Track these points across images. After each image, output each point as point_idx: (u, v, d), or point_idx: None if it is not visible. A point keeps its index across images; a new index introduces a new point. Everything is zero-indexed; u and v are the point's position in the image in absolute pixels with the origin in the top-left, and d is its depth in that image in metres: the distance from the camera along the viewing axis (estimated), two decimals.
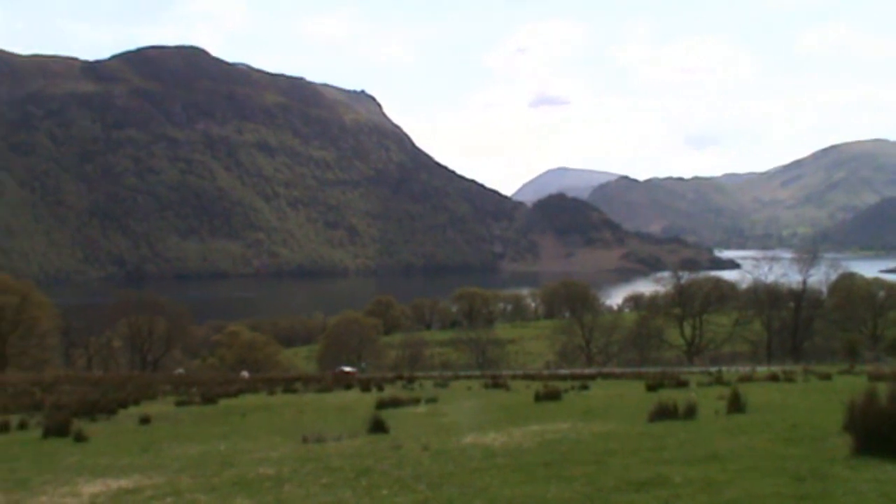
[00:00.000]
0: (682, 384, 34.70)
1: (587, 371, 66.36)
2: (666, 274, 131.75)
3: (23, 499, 12.62)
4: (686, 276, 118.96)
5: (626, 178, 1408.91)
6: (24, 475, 15.11)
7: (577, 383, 41.15)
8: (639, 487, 10.59)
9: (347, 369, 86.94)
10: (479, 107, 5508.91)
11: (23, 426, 25.30)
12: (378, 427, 19.87)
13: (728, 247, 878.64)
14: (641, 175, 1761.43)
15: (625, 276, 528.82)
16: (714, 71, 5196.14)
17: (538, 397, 28.54)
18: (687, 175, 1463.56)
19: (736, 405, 19.16)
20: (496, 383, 44.17)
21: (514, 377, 55.25)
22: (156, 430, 24.08)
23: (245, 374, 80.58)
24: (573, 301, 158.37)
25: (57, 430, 22.39)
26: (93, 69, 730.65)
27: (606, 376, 53.77)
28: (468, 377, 60.78)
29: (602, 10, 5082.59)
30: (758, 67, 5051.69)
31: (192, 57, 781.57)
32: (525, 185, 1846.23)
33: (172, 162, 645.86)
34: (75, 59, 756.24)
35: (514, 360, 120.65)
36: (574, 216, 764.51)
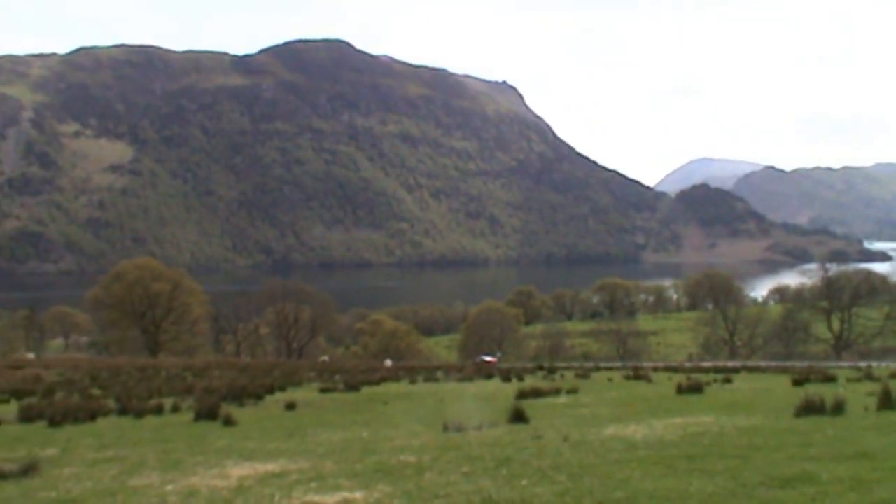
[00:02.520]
0: (829, 379, 33.70)
1: (730, 364, 64.90)
2: (813, 266, 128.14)
3: (176, 479, 13.08)
4: (834, 268, 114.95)
5: (771, 167, 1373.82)
6: (177, 456, 15.66)
7: (720, 376, 40.32)
8: (784, 484, 10.37)
9: (488, 359, 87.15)
10: (620, 96, 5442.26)
11: (175, 409, 26.12)
12: (518, 417, 19.87)
13: (879, 238, 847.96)
14: (788, 165, 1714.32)
15: (770, 267, 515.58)
16: (862, 57, 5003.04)
17: (680, 390, 28.15)
18: (836, 165, 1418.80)
19: (887, 402, 18.53)
20: (637, 375, 43.61)
21: (655, 369, 54.46)
22: (301, 415, 24.57)
23: (388, 362, 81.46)
24: (717, 293, 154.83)
25: (207, 413, 23.07)
26: (242, 63, 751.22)
27: (751, 370, 52.53)
28: (609, 368, 60.22)
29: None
30: None
31: (338, 50, 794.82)
32: (668, 176, 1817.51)
33: (318, 153, 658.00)
34: (225, 54, 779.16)
35: (656, 351, 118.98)
36: (718, 207, 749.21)
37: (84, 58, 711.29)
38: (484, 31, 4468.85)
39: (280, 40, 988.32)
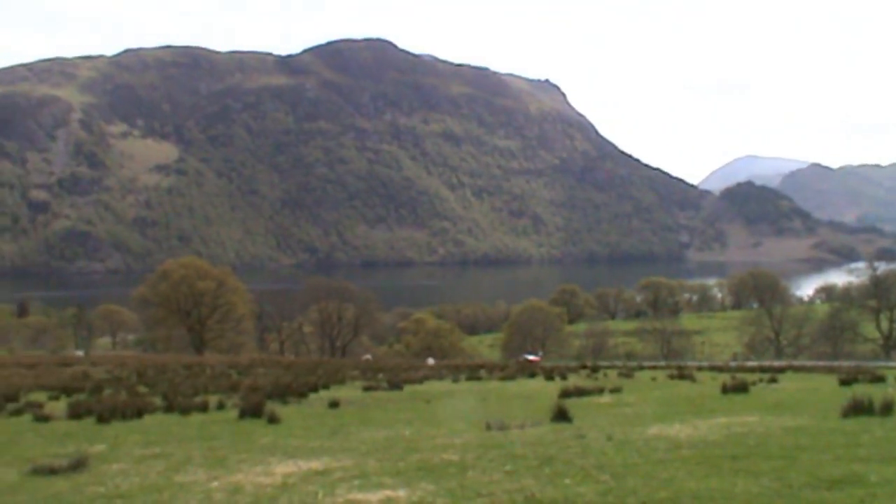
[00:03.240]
0: (877, 379, 33.30)
1: (776, 364, 64.28)
2: (860, 264, 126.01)
3: (221, 475, 13.19)
4: (882, 267, 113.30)
5: (817, 165, 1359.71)
6: (222, 453, 15.79)
7: (765, 376, 39.98)
8: (831, 485, 10.27)
9: (531, 357, 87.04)
10: (664, 94, 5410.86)
11: (220, 406, 26.33)
12: (561, 416, 19.83)
13: None
14: (834, 162, 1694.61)
15: (816, 266, 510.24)
16: None
17: (725, 389, 27.96)
18: (883, 162, 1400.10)
19: None
20: (681, 374, 43.40)
21: (699, 368, 54.15)
22: (344, 413, 24.67)
23: (430, 360, 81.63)
24: (762, 291, 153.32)
25: (252, 411, 23.22)
26: (286, 63, 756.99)
27: (797, 369, 52.01)
28: (653, 367, 59.90)
29: None
30: None
31: (380, 49, 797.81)
32: (712, 174, 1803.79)
33: (361, 152, 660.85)
34: (269, 54, 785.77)
35: (700, 351, 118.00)
36: (763, 205, 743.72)
37: (131, 59, 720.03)
38: (526, 29, 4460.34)
39: (323, 40, 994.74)
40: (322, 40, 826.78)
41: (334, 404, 26.78)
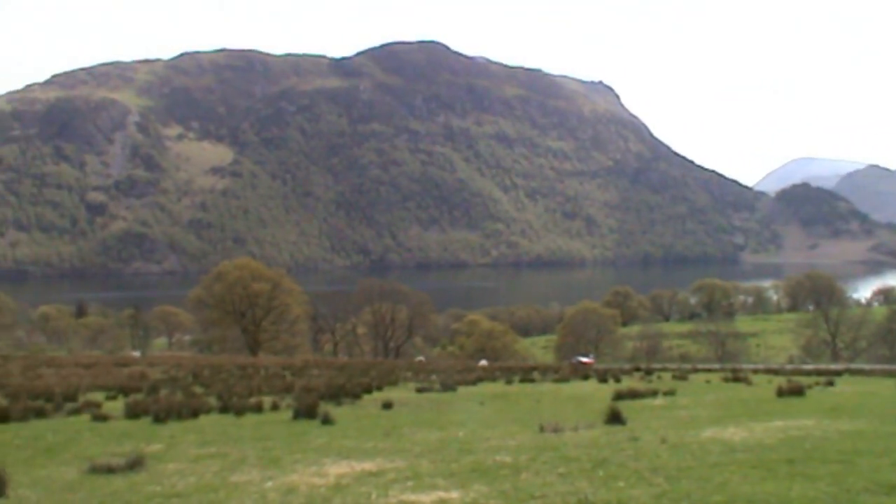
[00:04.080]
0: None
1: (833, 367, 63.51)
2: None
3: (276, 476, 13.32)
4: None
5: (875, 166, 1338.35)
6: (276, 454, 15.94)
7: (822, 379, 39.51)
8: (890, 490, 10.15)
9: (585, 359, 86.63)
10: (719, 95, 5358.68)
11: (275, 407, 26.53)
12: (615, 418, 19.76)
13: None
14: (893, 163, 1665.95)
15: (874, 268, 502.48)
16: None
17: (780, 393, 27.68)
18: None
19: None
20: (736, 377, 43.01)
21: (755, 371, 53.62)
22: (397, 415, 24.76)
23: (483, 362, 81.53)
24: (818, 294, 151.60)
25: (306, 412, 23.38)
26: (340, 65, 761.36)
27: (854, 373, 51.40)
28: (707, 370, 59.44)
29: None
30: None
31: (434, 51, 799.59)
32: (768, 176, 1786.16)
33: (414, 154, 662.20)
34: (323, 57, 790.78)
35: (756, 353, 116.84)
36: (819, 206, 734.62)
37: (187, 62, 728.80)
38: (580, 30, 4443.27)
39: (377, 42, 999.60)
40: (376, 43, 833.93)
41: (388, 405, 26.90)
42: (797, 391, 27.79)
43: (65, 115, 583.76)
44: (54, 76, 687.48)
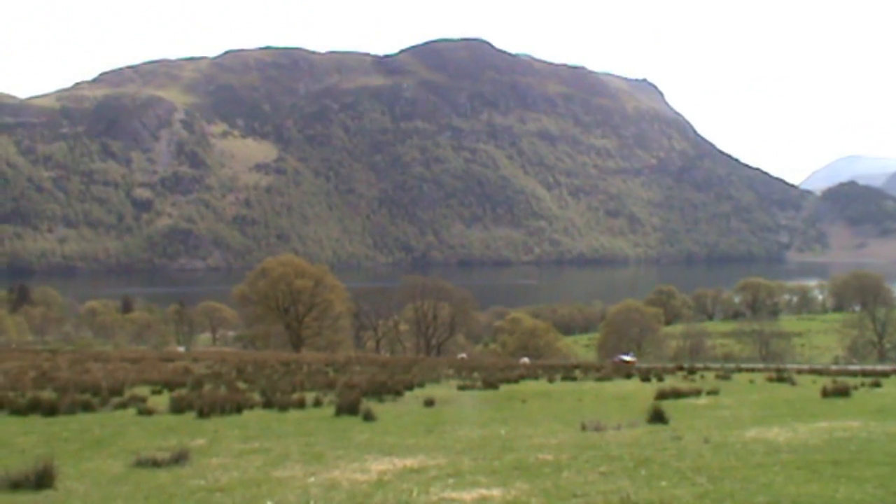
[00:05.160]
0: None
1: (879, 368, 62.71)
2: None
3: (318, 471, 13.38)
4: None
5: None
6: (319, 449, 16.00)
7: (868, 380, 38.95)
8: None
9: (627, 358, 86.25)
10: (763, 93, 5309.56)
11: (317, 403, 26.58)
12: (658, 417, 19.66)
13: None
14: None
15: None
16: None
17: (825, 393, 27.36)
18: None
19: None
20: (780, 377, 42.52)
21: (799, 371, 52.99)
22: (439, 412, 24.74)
23: (525, 360, 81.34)
24: (865, 294, 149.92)
25: (348, 408, 23.41)
26: (383, 63, 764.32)
27: None
28: (751, 370, 58.84)
29: None
30: None
31: (477, 49, 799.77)
32: (814, 174, 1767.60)
33: (457, 151, 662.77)
34: (367, 55, 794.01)
35: (800, 353, 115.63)
36: (867, 205, 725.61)
37: (232, 60, 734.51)
38: (624, 28, 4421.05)
39: (421, 40, 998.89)
40: (420, 40, 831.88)
41: (430, 403, 26.88)
42: (842, 392, 27.46)
43: (112, 113, 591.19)
44: (102, 74, 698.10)
